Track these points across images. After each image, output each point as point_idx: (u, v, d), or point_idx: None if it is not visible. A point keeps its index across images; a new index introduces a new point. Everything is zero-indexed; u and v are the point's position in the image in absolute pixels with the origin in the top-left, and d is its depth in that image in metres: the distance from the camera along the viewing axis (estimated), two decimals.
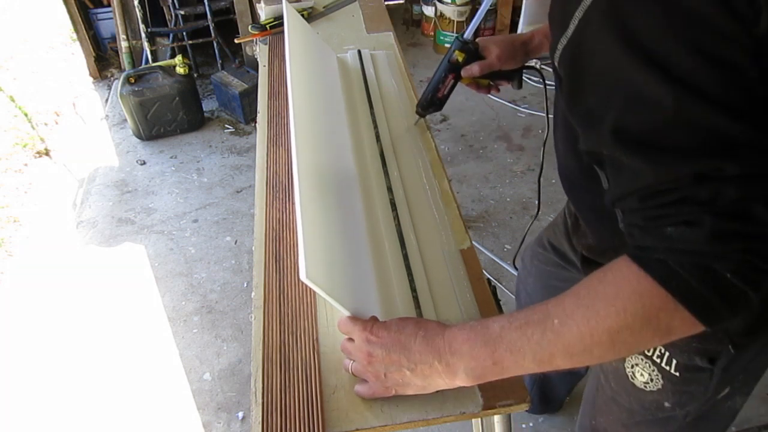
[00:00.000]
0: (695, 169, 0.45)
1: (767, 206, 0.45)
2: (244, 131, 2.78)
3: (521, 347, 0.53)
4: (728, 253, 0.46)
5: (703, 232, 0.46)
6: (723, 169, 0.45)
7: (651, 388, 0.78)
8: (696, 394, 0.77)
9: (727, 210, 0.45)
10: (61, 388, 1.71)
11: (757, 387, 1.70)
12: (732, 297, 0.47)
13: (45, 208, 2.39)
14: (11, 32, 3.66)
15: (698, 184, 0.46)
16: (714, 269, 0.46)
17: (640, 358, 0.78)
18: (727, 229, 0.46)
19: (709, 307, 0.47)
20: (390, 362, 0.61)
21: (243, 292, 2.00)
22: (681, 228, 0.47)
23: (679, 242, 0.47)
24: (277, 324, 0.74)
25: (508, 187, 2.39)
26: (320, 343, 0.73)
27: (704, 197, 0.46)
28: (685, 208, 0.47)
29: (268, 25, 1.41)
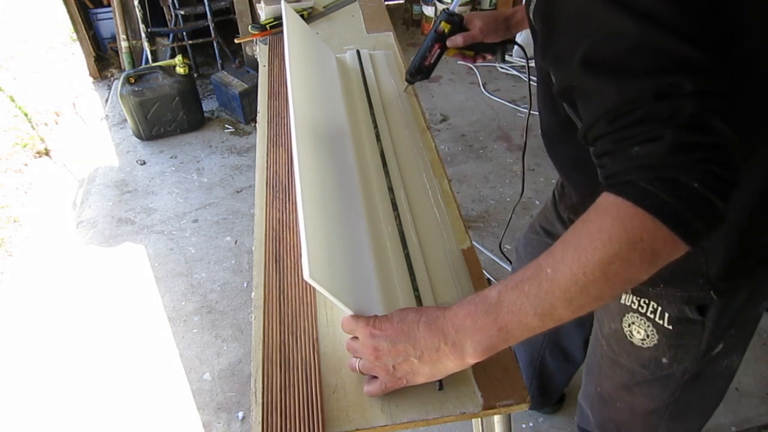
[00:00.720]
0: (656, 86, 0.49)
1: (725, 120, 0.49)
2: (244, 131, 2.78)
3: (521, 305, 0.54)
4: (690, 163, 0.49)
5: (665, 145, 0.49)
6: (681, 86, 0.48)
7: (648, 344, 0.81)
8: (690, 348, 0.79)
9: (687, 123, 0.48)
10: (61, 388, 1.71)
11: (757, 387, 1.71)
12: (702, 207, 0.49)
13: (45, 208, 2.39)
14: (11, 32, 3.66)
15: (659, 100, 0.49)
16: (681, 181, 0.49)
17: (635, 316, 0.81)
18: (688, 140, 0.48)
19: (683, 219, 0.49)
20: (397, 353, 0.61)
21: (243, 292, 2.00)
22: (645, 146, 0.50)
23: (645, 159, 0.49)
24: (277, 324, 0.74)
25: (508, 187, 2.39)
26: (320, 343, 0.73)
27: (665, 113, 0.49)
28: (647, 125, 0.50)
29: (268, 25, 1.41)
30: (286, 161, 1.00)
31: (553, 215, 1.08)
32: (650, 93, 0.49)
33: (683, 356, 0.81)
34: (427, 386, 0.68)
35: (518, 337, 0.56)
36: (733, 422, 1.58)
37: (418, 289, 0.78)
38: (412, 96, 1.19)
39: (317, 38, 1.21)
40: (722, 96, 0.50)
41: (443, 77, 3.13)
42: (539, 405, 1.59)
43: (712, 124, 0.49)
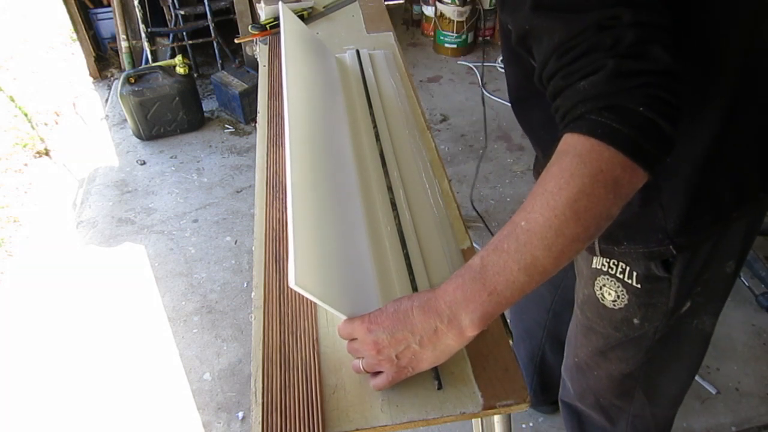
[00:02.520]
0: (597, 18, 0.51)
1: (665, 48, 0.51)
2: (244, 131, 2.78)
3: (505, 264, 0.54)
4: (633, 89, 0.50)
5: (606, 74, 0.50)
6: (620, 17, 0.50)
7: (619, 305, 0.84)
8: (659, 306, 0.82)
9: (627, 52, 0.50)
10: (61, 388, 1.71)
11: (757, 387, 1.71)
12: (650, 130, 0.50)
13: (45, 208, 2.39)
14: (11, 32, 3.66)
15: (600, 32, 0.51)
16: (627, 107, 0.50)
17: (606, 278, 0.83)
18: (628, 67, 0.50)
19: (635, 143, 0.50)
20: (397, 343, 0.61)
21: (243, 292, 2.00)
22: (590, 77, 0.51)
23: (591, 90, 0.51)
24: (277, 324, 0.74)
25: (508, 187, 2.39)
26: (320, 343, 0.73)
27: (607, 43, 0.51)
28: (591, 56, 0.51)
29: (268, 25, 1.41)
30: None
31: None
32: (593, 25, 0.51)
33: (653, 315, 0.84)
34: (427, 386, 0.68)
35: (510, 298, 0.55)
36: (733, 422, 1.58)
37: (418, 290, 0.78)
38: (411, 96, 1.19)
39: (316, 38, 1.21)
40: (662, 28, 0.52)
41: (443, 77, 3.13)
42: (540, 402, 1.59)
43: (651, 51, 0.50)
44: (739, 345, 1.77)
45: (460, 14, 3.11)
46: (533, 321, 1.32)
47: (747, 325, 1.83)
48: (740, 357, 1.74)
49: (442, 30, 3.21)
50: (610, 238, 0.78)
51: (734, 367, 1.71)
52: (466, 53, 3.30)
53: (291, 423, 0.64)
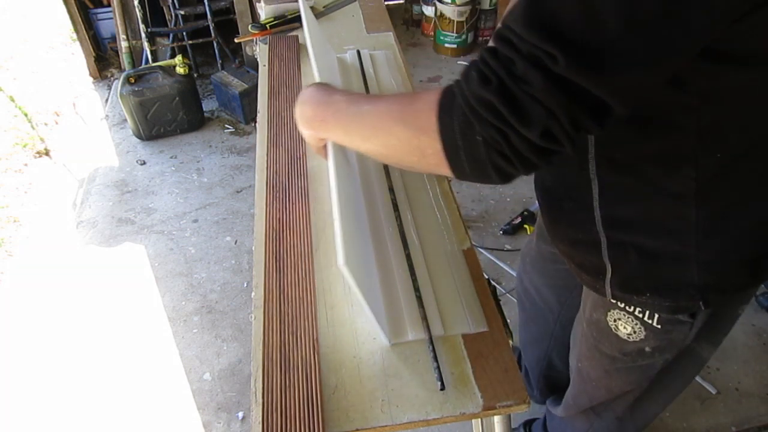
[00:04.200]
0: (538, 43, 0.46)
1: (547, 122, 0.47)
2: (244, 131, 2.78)
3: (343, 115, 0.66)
4: (486, 122, 0.50)
5: (481, 92, 0.49)
6: (555, 60, 0.45)
7: (634, 338, 0.83)
8: (675, 341, 0.81)
9: (515, 94, 0.48)
10: (61, 388, 1.71)
11: (757, 387, 1.71)
12: (475, 159, 0.52)
13: (45, 208, 2.39)
14: (11, 32, 3.66)
15: (525, 58, 0.47)
16: (473, 128, 0.51)
17: (622, 314, 0.81)
18: (497, 106, 0.48)
19: (456, 151, 0.53)
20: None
21: (243, 292, 2.00)
22: (478, 77, 0.50)
23: (467, 86, 0.51)
24: (277, 324, 0.74)
25: (508, 187, 2.38)
26: (320, 343, 0.73)
27: (519, 72, 0.48)
28: (499, 66, 0.49)
29: (268, 25, 1.41)
30: (286, 161, 1.00)
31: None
32: (530, 45, 0.46)
33: (666, 348, 0.83)
34: (427, 387, 0.68)
35: (329, 131, 0.69)
36: (733, 422, 1.58)
37: (419, 290, 0.78)
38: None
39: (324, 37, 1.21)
40: (580, 102, 0.47)
41: (443, 77, 3.13)
42: (547, 399, 1.60)
43: (531, 113, 0.47)
44: (739, 345, 1.77)
45: (460, 14, 3.11)
46: (541, 330, 1.33)
47: (747, 325, 1.83)
48: (740, 357, 1.74)
49: (442, 30, 3.21)
50: (629, 287, 0.76)
51: (734, 367, 1.71)
52: (466, 53, 3.30)
53: (291, 423, 0.64)
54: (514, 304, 1.91)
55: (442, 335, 0.73)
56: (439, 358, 0.70)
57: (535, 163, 0.51)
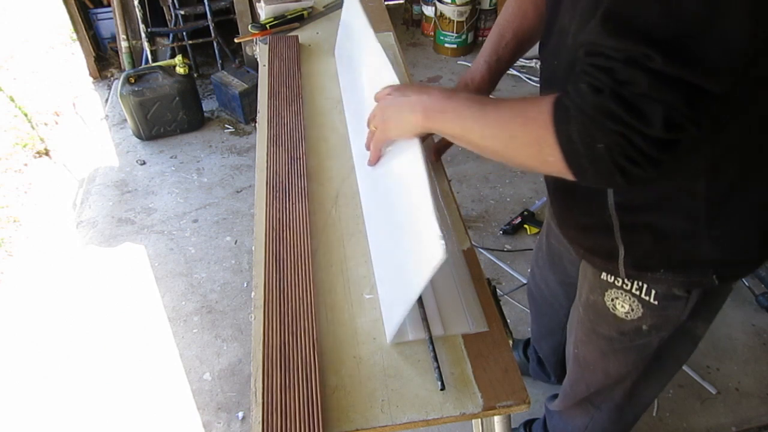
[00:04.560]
0: (633, 47, 0.50)
1: (667, 111, 0.50)
2: (244, 131, 2.78)
3: (461, 115, 0.69)
4: (606, 128, 0.53)
5: (595, 101, 0.53)
6: (651, 59, 0.49)
7: (631, 317, 0.85)
8: (671, 318, 0.83)
9: (628, 97, 0.51)
10: (61, 388, 1.71)
11: (757, 387, 1.71)
12: (599, 165, 0.55)
13: (45, 208, 2.39)
14: (11, 32, 3.66)
15: (625, 63, 0.51)
16: (594, 136, 0.54)
17: (619, 292, 0.84)
18: (614, 110, 0.52)
19: (577, 159, 0.56)
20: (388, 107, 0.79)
21: (243, 292, 2.00)
22: (589, 90, 0.54)
23: (582, 100, 0.55)
24: (277, 324, 0.74)
25: (508, 187, 2.39)
26: (320, 343, 0.73)
27: (621, 76, 0.52)
28: (603, 76, 0.53)
29: (268, 25, 1.41)
30: (286, 161, 1.00)
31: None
32: (627, 51, 0.51)
33: (663, 326, 0.85)
34: (427, 387, 0.68)
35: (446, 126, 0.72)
36: (733, 422, 1.58)
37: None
38: None
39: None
40: (686, 89, 0.50)
41: (443, 77, 3.13)
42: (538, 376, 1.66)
43: (648, 110, 0.51)
44: (739, 345, 1.77)
45: (460, 14, 3.11)
46: (553, 322, 1.35)
47: (747, 325, 1.83)
48: (740, 357, 1.74)
49: (442, 30, 3.21)
50: (642, 266, 0.78)
51: (734, 367, 1.71)
52: (466, 53, 3.29)
53: (291, 423, 0.64)
54: (514, 305, 1.91)
55: (442, 335, 0.73)
56: (439, 358, 0.70)
57: (662, 159, 0.53)
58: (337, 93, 1.17)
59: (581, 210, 0.80)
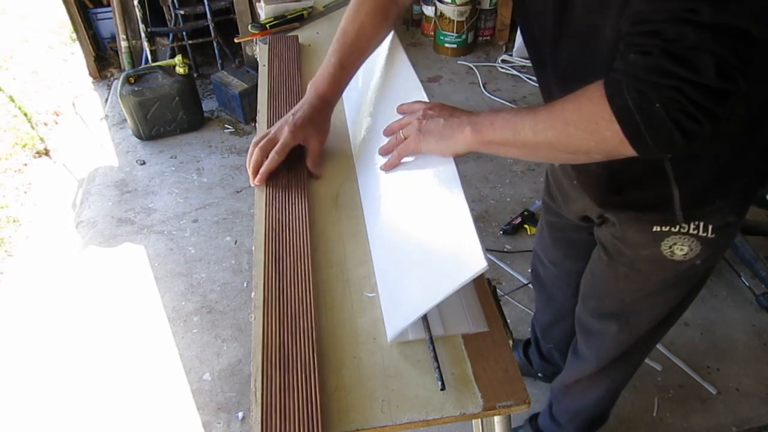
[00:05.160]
0: (678, 5, 0.52)
1: (718, 61, 0.52)
2: (244, 131, 2.78)
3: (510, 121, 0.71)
4: (661, 87, 0.54)
5: (649, 62, 0.55)
6: (698, 12, 0.51)
7: (690, 256, 0.87)
8: (721, 246, 0.88)
9: (678, 52, 0.53)
10: (61, 388, 1.71)
11: (757, 387, 1.71)
12: (657, 127, 0.56)
13: (45, 208, 2.39)
14: (11, 32, 3.66)
15: (671, 22, 0.53)
16: (649, 97, 0.55)
17: (677, 237, 0.86)
18: (667, 67, 0.54)
19: (635, 127, 0.57)
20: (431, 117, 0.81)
21: (243, 292, 2.00)
22: (639, 56, 0.56)
23: (632, 67, 0.56)
24: (277, 324, 0.74)
25: (508, 187, 2.39)
26: (320, 343, 0.73)
27: (669, 35, 0.53)
28: (650, 39, 0.55)
29: (267, 25, 1.41)
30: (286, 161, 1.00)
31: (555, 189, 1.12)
32: (671, 10, 0.53)
33: (714, 255, 0.89)
34: (427, 387, 0.68)
35: (496, 136, 0.73)
36: (733, 422, 1.58)
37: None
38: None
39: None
40: (731, 37, 0.52)
41: (443, 77, 3.13)
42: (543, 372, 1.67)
43: (699, 60, 0.52)
44: (739, 345, 1.77)
45: (460, 14, 3.11)
46: (564, 305, 1.36)
47: (747, 325, 1.83)
48: (740, 357, 1.74)
49: (442, 30, 3.21)
50: (699, 202, 0.81)
51: (734, 367, 1.71)
52: (466, 53, 3.30)
53: (290, 423, 0.64)
54: (514, 305, 1.91)
55: (442, 335, 0.73)
56: (439, 358, 0.70)
57: (717, 111, 0.54)
58: None
59: (635, 170, 0.81)
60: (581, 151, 0.65)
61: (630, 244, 0.91)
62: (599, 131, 0.60)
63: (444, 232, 0.73)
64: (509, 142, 0.72)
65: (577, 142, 0.64)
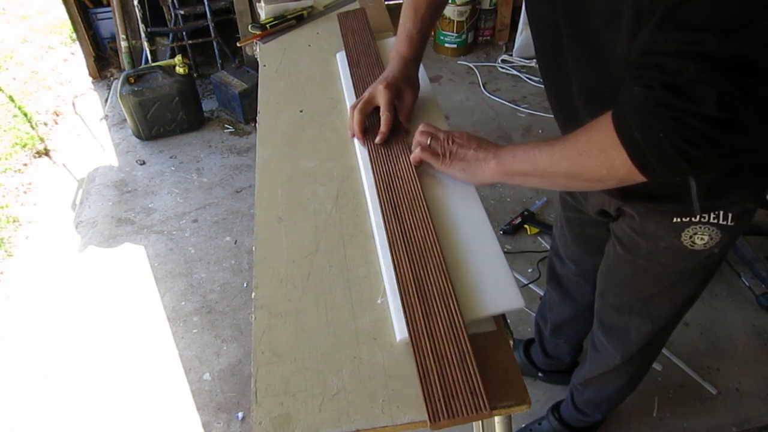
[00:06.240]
0: (683, 38, 0.54)
1: (719, 92, 0.53)
2: (244, 131, 2.78)
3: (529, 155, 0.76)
4: (663, 117, 0.57)
5: (648, 95, 0.57)
6: (703, 44, 0.52)
7: (710, 244, 0.88)
8: (737, 232, 0.88)
9: (677, 85, 0.55)
10: (61, 388, 1.71)
11: (757, 387, 1.71)
12: (663, 155, 0.59)
13: (45, 208, 2.39)
14: (11, 32, 3.66)
15: (675, 55, 0.55)
16: (654, 128, 0.58)
17: (698, 227, 0.87)
18: (665, 99, 0.56)
19: (642, 155, 0.60)
20: (461, 146, 0.86)
21: (243, 292, 2.00)
22: (641, 89, 0.58)
23: (636, 99, 0.59)
24: (408, 261, 0.78)
25: (508, 187, 2.38)
26: (320, 343, 0.73)
27: (671, 69, 0.55)
28: (653, 73, 0.57)
29: (268, 25, 1.41)
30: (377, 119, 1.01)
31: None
32: (676, 43, 0.54)
33: (730, 242, 0.90)
34: None
35: (517, 169, 0.78)
36: (733, 422, 1.58)
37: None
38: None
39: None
40: (734, 69, 0.52)
41: (443, 77, 3.13)
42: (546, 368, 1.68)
43: (700, 93, 0.54)
44: (739, 345, 1.77)
45: (460, 14, 3.11)
46: (581, 301, 1.37)
47: (747, 325, 1.83)
48: (740, 357, 1.74)
49: (442, 30, 3.21)
50: (715, 192, 0.81)
51: (734, 367, 1.71)
52: (466, 53, 3.30)
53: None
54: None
55: None
56: None
57: (721, 139, 0.56)
58: (337, 93, 1.17)
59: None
60: (595, 179, 0.68)
61: (649, 237, 0.92)
62: (610, 159, 0.64)
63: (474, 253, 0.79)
64: (530, 172, 0.76)
65: (590, 170, 0.68)
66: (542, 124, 2.67)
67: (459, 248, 0.81)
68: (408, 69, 1.03)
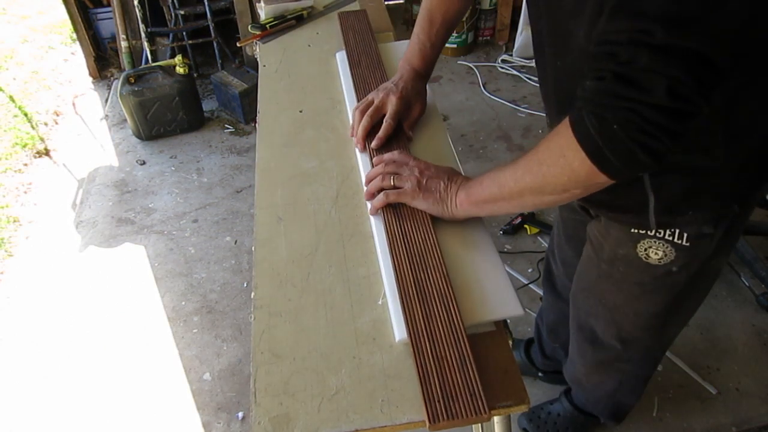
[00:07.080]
0: (633, 27, 0.52)
1: (671, 82, 0.52)
2: (244, 131, 2.78)
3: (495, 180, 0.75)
4: (616, 108, 0.55)
5: (600, 87, 0.56)
6: (651, 34, 0.51)
7: (665, 261, 0.88)
8: (699, 256, 0.87)
9: (629, 75, 0.54)
10: (61, 388, 1.71)
11: (757, 387, 1.71)
12: (619, 149, 0.57)
13: (45, 208, 2.39)
14: (11, 32, 3.66)
15: (627, 44, 0.53)
16: (607, 120, 0.56)
17: (652, 241, 0.86)
18: (618, 90, 0.55)
19: (599, 151, 0.58)
20: (430, 178, 0.84)
21: (243, 292, 2.00)
22: (594, 81, 0.57)
23: (588, 93, 0.58)
24: (408, 263, 0.78)
25: None
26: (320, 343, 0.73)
27: (623, 57, 0.54)
28: (605, 63, 0.56)
29: (268, 25, 1.41)
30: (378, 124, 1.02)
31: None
32: (627, 32, 0.53)
33: (691, 263, 0.88)
34: None
35: (486, 196, 0.77)
36: (733, 422, 1.58)
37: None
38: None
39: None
40: (684, 56, 0.51)
41: (443, 77, 3.13)
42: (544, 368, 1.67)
43: (650, 82, 0.53)
44: (739, 345, 1.77)
45: None
46: (567, 308, 1.34)
47: (747, 325, 1.83)
48: (740, 357, 1.74)
49: None
50: (673, 211, 0.81)
51: (734, 367, 1.71)
52: (466, 53, 3.30)
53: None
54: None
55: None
56: None
57: (675, 129, 0.55)
58: (337, 93, 1.17)
59: None
60: (558, 188, 0.66)
61: (611, 241, 0.92)
62: (569, 163, 0.62)
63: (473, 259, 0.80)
64: (497, 196, 0.75)
65: (552, 179, 0.66)
66: (542, 124, 2.67)
67: (458, 253, 0.82)
68: (419, 83, 1.05)
